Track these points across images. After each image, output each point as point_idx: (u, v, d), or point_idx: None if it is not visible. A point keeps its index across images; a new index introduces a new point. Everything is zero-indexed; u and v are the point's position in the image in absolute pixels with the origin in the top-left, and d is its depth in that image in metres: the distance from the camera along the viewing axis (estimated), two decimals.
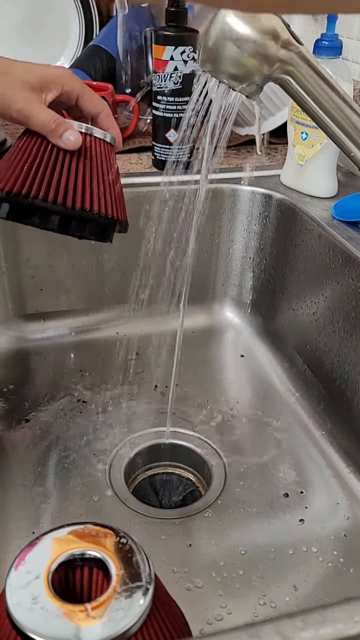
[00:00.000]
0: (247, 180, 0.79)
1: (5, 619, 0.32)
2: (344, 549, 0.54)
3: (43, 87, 0.53)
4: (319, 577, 0.51)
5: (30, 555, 0.35)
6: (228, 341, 0.81)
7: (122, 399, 0.70)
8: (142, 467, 0.63)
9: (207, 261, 0.82)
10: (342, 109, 0.45)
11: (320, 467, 0.62)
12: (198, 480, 0.63)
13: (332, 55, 0.67)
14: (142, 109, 0.96)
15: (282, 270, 0.77)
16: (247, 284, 0.83)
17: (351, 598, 0.30)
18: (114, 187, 0.54)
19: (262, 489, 0.59)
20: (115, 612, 0.32)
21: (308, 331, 0.71)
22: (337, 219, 0.68)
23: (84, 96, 0.56)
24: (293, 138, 0.74)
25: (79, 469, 0.60)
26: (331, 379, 0.67)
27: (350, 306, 0.62)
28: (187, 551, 0.53)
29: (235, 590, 0.50)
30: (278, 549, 0.53)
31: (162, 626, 0.34)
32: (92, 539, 0.36)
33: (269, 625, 0.28)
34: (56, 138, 0.51)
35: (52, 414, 0.67)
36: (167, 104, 0.78)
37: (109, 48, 1.06)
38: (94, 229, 0.52)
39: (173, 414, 0.68)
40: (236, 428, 0.67)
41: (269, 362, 0.77)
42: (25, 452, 0.62)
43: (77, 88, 0.55)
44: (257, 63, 0.39)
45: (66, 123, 0.51)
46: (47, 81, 0.53)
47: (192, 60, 0.76)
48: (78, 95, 0.55)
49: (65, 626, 0.31)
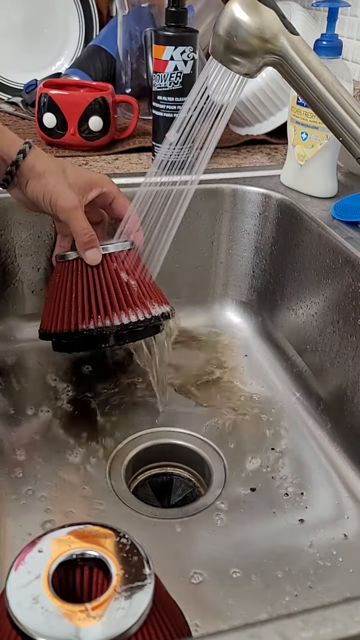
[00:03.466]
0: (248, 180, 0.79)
1: (6, 619, 0.32)
2: (344, 549, 0.54)
3: (87, 188, 0.61)
4: (319, 577, 0.51)
5: (31, 555, 0.35)
6: (228, 341, 0.81)
7: (122, 398, 0.70)
8: (142, 467, 0.63)
9: (207, 261, 0.82)
10: (330, 89, 0.49)
11: (321, 467, 0.62)
12: (198, 480, 0.63)
13: (332, 55, 0.67)
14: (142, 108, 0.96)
15: (282, 270, 0.77)
16: (247, 284, 0.83)
17: (351, 598, 0.30)
18: (145, 284, 0.60)
19: (262, 489, 0.59)
20: (115, 612, 0.32)
21: (308, 331, 0.71)
22: (337, 219, 0.68)
23: (118, 199, 0.64)
24: (293, 138, 0.74)
25: (79, 469, 0.60)
26: (331, 379, 0.67)
27: (350, 306, 0.62)
28: (187, 551, 0.53)
29: (235, 590, 0.50)
30: (278, 549, 0.53)
31: (162, 626, 0.34)
32: (92, 539, 0.36)
33: (269, 625, 0.28)
34: (82, 250, 0.59)
35: (51, 414, 0.67)
36: (167, 104, 0.78)
37: (109, 48, 1.06)
38: (144, 332, 0.61)
39: (173, 414, 0.68)
40: (236, 428, 0.67)
41: (269, 362, 0.77)
42: (25, 451, 0.62)
43: (114, 192, 0.63)
44: (258, 42, 0.47)
45: (97, 241, 0.59)
46: (90, 183, 0.61)
47: (192, 60, 0.76)
48: (113, 198, 0.63)
49: (66, 626, 0.32)
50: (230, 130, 0.97)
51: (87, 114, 0.84)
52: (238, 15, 0.47)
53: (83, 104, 0.84)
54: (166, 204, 0.58)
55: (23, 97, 1.07)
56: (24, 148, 0.59)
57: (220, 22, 0.48)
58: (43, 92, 0.85)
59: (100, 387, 0.71)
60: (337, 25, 0.67)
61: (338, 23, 0.68)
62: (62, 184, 0.59)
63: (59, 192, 0.58)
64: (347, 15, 0.91)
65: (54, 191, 0.58)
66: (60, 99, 0.84)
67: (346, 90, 0.49)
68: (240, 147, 0.92)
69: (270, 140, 0.93)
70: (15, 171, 0.59)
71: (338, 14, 0.67)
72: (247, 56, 0.48)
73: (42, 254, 0.76)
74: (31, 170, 0.59)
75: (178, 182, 0.59)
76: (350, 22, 0.92)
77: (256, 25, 0.47)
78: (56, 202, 0.58)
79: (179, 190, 0.58)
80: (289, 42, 0.48)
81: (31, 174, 0.59)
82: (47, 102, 0.84)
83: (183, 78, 0.76)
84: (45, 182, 0.59)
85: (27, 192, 0.60)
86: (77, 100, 0.85)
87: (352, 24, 0.92)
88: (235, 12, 0.47)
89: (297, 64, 0.48)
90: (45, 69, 1.15)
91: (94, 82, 0.94)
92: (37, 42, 1.16)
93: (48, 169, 0.59)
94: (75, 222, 0.58)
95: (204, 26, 1.06)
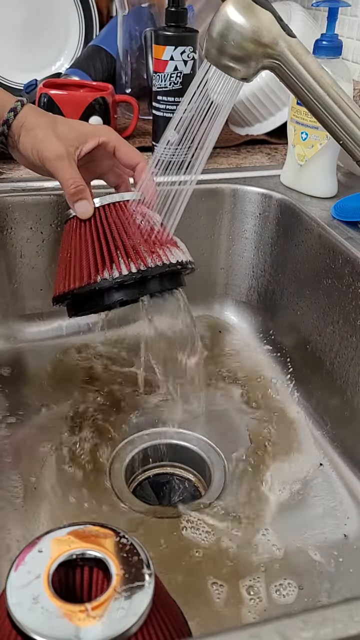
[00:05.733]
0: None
1: (6, 619, 0.32)
2: (344, 549, 0.54)
3: (81, 140, 0.58)
4: (319, 577, 0.51)
5: (30, 555, 0.35)
6: (228, 341, 0.81)
7: (122, 398, 0.70)
8: (142, 467, 0.63)
9: (208, 261, 0.82)
10: (329, 92, 0.48)
11: (321, 467, 0.62)
12: (198, 480, 0.63)
13: (332, 55, 0.67)
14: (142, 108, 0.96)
15: (282, 270, 0.77)
16: (247, 284, 0.83)
17: (351, 598, 0.30)
18: (160, 235, 0.56)
19: (262, 489, 0.59)
20: (115, 612, 0.32)
21: (308, 331, 0.71)
22: (337, 219, 0.68)
23: (121, 147, 0.60)
24: (293, 138, 0.74)
25: (79, 469, 0.60)
26: (331, 379, 0.67)
27: (350, 306, 0.62)
28: (187, 551, 0.53)
29: (235, 590, 0.50)
30: (278, 549, 0.53)
31: (162, 626, 0.34)
32: (92, 539, 0.36)
33: (269, 625, 0.28)
34: (71, 202, 0.56)
35: (51, 414, 0.67)
36: (167, 104, 0.78)
37: (109, 48, 1.06)
38: (168, 280, 0.55)
39: (173, 414, 0.68)
40: (236, 428, 0.67)
41: (269, 362, 0.77)
42: (25, 452, 0.62)
43: (114, 140, 0.59)
44: (253, 47, 0.45)
45: (85, 192, 0.55)
46: (85, 135, 0.58)
47: (192, 60, 0.76)
48: (115, 147, 0.59)
49: (66, 626, 0.31)
50: (230, 130, 0.97)
51: (87, 114, 0.84)
52: (233, 18, 0.45)
53: (83, 104, 0.84)
54: (165, 204, 0.58)
55: (23, 97, 1.07)
56: (16, 106, 0.59)
57: (214, 25, 0.46)
58: (43, 92, 0.85)
59: (100, 386, 0.71)
60: (337, 25, 0.67)
61: (338, 23, 0.68)
62: (49, 135, 0.57)
63: (45, 143, 0.57)
64: (347, 15, 0.91)
65: (40, 143, 0.57)
66: (60, 99, 0.84)
67: (345, 93, 0.49)
68: (240, 147, 0.92)
69: (270, 140, 0.93)
70: (7, 131, 0.59)
71: (338, 14, 0.67)
72: (242, 61, 0.46)
73: (42, 254, 0.76)
74: (22, 126, 0.59)
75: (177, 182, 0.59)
76: (350, 22, 0.92)
77: (252, 28, 0.45)
78: (42, 154, 0.57)
79: (178, 190, 0.57)
80: (286, 45, 0.46)
81: (22, 130, 0.59)
82: (47, 102, 0.84)
83: (183, 78, 0.76)
84: (33, 135, 0.58)
85: (20, 149, 0.59)
86: (77, 100, 0.85)
87: (352, 24, 0.92)
88: (229, 15, 0.45)
89: (295, 67, 0.47)
90: (45, 69, 1.15)
91: (94, 82, 0.94)
92: (37, 42, 1.16)
93: (38, 123, 0.58)
94: (60, 172, 0.56)
95: (204, 26, 1.05)
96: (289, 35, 0.46)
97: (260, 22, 0.45)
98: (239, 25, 0.45)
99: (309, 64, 0.47)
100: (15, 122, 0.59)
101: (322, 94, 0.48)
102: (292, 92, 0.49)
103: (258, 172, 0.82)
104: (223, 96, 0.49)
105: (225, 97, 0.49)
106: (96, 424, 0.66)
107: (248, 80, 0.48)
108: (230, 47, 0.45)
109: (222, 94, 0.49)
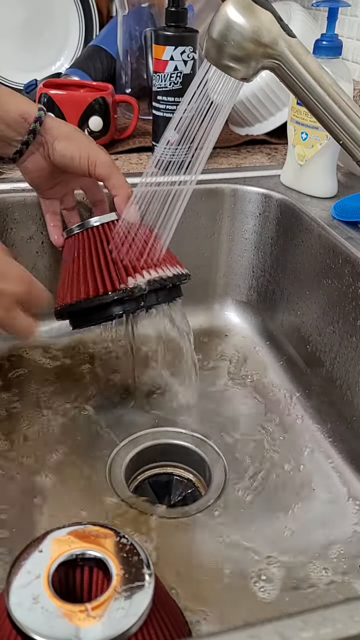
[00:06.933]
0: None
1: (6, 618, 0.33)
2: (344, 549, 0.54)
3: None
4: (320, 577, 0.51)
5: (31, 555, 0.35)
6: (228, 341, 0.81)
7: (122, 398, 0.70)
8: (142, 467, 0.63)
9: (207, 261, 0.82)
10: (330, 92, 0.48)
11: (321, 467, 0.62)
12: (198, 480, 0.63)
13: (332, 55, 0.67)
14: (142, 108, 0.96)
15: (282, 270, 0.77)
16: (247, 284, 0.83)
17: (351, 598, 0.30)
18: (157, 250, 0.59)
19: (262, 489, 0.59)
20: (115, 612, 0.32)
21: (308, 331, 0.71)
22: (337, 219, 0.68)
23: (111, 180, 0.62)
24: (293, 138, 0.74)
25: (79, 469, 0.60)
26: (331, 379, 0.67)
27: (350, 306, 0.62)
28: (187, 551, 0.53)
29: (235, 590, 0.50)
30: (278, 549, 0.53)
31: (162, 626, 0.34)
32: (93, 539, 0.36)
33: (269, 625, 0.28)
34: (124, 204, 0.60)
35: (51, 414, 0.67)
36: (167, 104, 0.78)
37: (109, 48, 1.06)
38: (162, 296, 0.59)
39: (173, 414, 0.67)
40: (236, 428, 0.67)
41: (269, 362, 0.77)
42: (24, 451, 0.62)
43: (104, 175, 0.62)
44: (253, 47, 0.45)
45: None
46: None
47: (192, 60, 0.76)
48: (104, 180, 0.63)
49: (66, 626, 0.32)
50: (230, 130, 0.97)
51: (87, 114, 0.84)
52: (233, 18, 0.45)
53: (83, 104, 0.84)
54: (165, 204, 0.58)
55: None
56: (41, 107, 0.61)
57: (214, 25, 0.46)
58: (43, 92, 0.85)
59: (99, 386, 0.71)
60: (337, 25, 0.67)
61: (338, 23, 0.68)
62: (93, 142, 0.62)
63: (96, 150, 0.61)
64: (347, 15, 0.91)
65: (87, 148, 0.60)
66: (60, 99, 0.84)
67: (345, 93, 0.49)
68: (240, 147, 0.92)
69: (270, 140, 0.93)
70: (39, 127, 0.60)
71: (338, 14, 0.67)
72: (242, 61, 0.46)
73: (42, 254, 0.76)
74: (56, 129, 0.61)
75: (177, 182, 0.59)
76: (350, 22, 0.92)
77: (252, 29, 0.45)
78: (98, 157, 0.60)
79: (178, 190, 0.57)
80: (286, 45, 0.46)
81: (57, 133, 0.61)
82: (47, 102, 0.84)
83: (183, 78, 0.76)
84: (78, 141, 0.61)
85: (57, 152, 0.61)
86: (77, 100, 0.85)
87: (352, 24, 0.92)
88: (229, 15, 0.45)
89: (295, 67, 0.47)
90: (45, 69, 1.15)
91: (94, 82, 0.94)
92: (37, 42, 1.16)
93: (72, 129, 0.62)
94: (117, 175, 0.61)
95: (204, 26, 1.05)
96: (289, 35, 0.46)
97: (260, 22, 0.45)
98: (239, 25, 0.45)
99: (309, 64, 0.47)
100: (45, 123, 0.61)
101: (322, 94, 0.48)
102: (292, 92, 0.49)
103: (258, 172, 0.82)
104: (223, 96, 0.49)
105: (225, 97, 0.49)
106: (96, 423, 0.66)
107: (248, 80, 0.48)
108: (230, 47, 0.45)
109: (222, 94, 0.49)
